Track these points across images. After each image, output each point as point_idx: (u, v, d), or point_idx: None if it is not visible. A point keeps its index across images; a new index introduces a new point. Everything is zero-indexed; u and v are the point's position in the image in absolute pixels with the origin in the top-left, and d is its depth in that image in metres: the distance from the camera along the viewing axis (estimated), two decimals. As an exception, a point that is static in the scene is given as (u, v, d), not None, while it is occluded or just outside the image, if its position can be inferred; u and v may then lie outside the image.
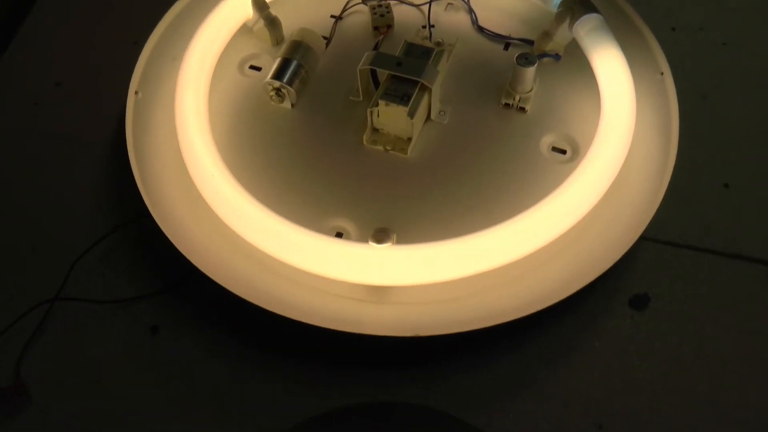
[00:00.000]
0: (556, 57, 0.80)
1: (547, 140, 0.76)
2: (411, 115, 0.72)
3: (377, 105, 0.73)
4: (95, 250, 0.72)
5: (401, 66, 0.73)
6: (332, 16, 0.85)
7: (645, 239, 0.72)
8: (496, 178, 0.73)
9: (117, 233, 0.73)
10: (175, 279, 0.71)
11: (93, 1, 0.93)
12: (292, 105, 0.78)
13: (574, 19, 0.77)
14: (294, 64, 0.77)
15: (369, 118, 0.74)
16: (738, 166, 0.78)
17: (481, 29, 0.84)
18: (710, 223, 0.74)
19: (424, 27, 0.84)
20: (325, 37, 0.83)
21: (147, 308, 0.71)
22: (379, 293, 0.67)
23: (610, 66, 0.74)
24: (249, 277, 0.67)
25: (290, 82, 0.76)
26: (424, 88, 0.73)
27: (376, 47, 0.82)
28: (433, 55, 0.76)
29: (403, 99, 0.72)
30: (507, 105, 0.78)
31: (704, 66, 0.85)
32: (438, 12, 0.85)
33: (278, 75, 0.76)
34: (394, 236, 0.67)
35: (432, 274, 0.65)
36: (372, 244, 0.65)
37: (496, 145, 0.75)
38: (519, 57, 0.75)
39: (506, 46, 0.83)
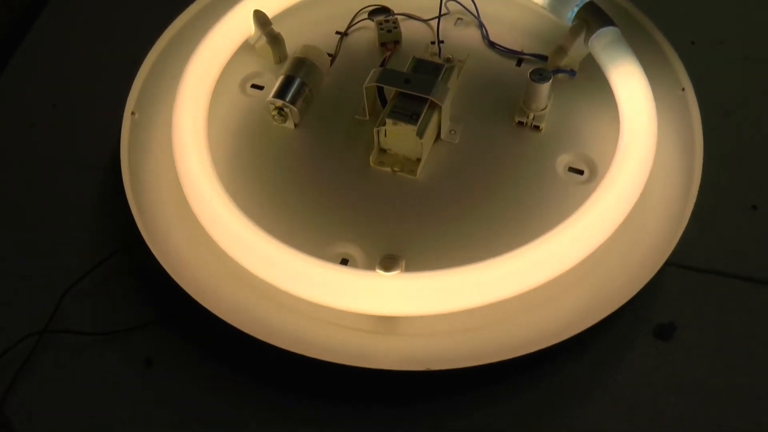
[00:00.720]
0: (571, 73, 0.77)
1: (563, 160, 0.72)
2: (420, 134, 0.68)
3: (384, 124, 0.69)
4: (88, 278, 0.68)
5: (409, 83, 0.70)
6: (337, 33, 0.82)
7: (669, 264, 0.67)
8: (510, 200, 0.69)
9: (111, 261, 0.69)
10: (172, 309, 0.67)
11: (91, 19, 0.91)
12: (296, 125, 0.75)
13: (589, 32, 0.74)
14: (297, 82, 0.74)
15: (376, 137, 0.71)
16: (766, 187, 0.73)
17: (492, 45, 0.80)
18: (738, 248, 0.70)
19: (433, 43, 0.80)
20: (330, 54, 0.80)
21: (141, 340, 0.67)
22: (387, 324, 0.63)
23: (629, 82, 0.71)
24: (248, 308, 0.63)
25: (293, 101, 0.73)
26: (434, 106, 0.70)
27: (383, 64, 0.78)
28: (443, 72, 0.73)
29: (411, 117, 0.68)
30: (520, 123, 0.74)
31: (726, 81, 0.81)
32: (447, 27, 0.82)
33: (281, 94, 0.73)
34: (403, 263, 0.64)
35: (444, 304, 0.61)
36: (379, 272, 0.61)
37: (509, 165, 0.72)
38: (533, 73, 0.71)
39: (519, 62, 0.79)
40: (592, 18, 0.74)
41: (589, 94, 0.76)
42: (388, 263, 0.62)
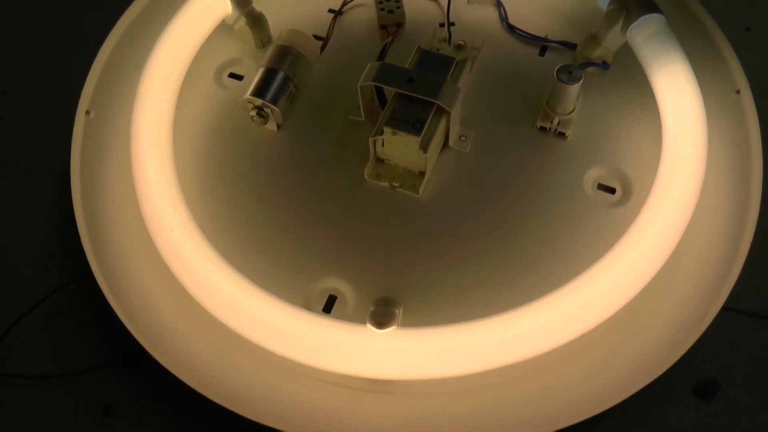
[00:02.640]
0: (604, 66, 0.65)
1: (592, 175, 0.61)
2: (424, 147, 0.57)
3: (382, 133, 0.58)
4: (35, 313, 0.59)
5: (413, 82, 0.58)
6: (330, 11, 0.70)
7: (714, 306, 0.57)
8: (529, 226, 0.59)
9: (61, 293, 0.59)
10: (131, 349, 0.57)
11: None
12: (278, 126, 0.64)
13: (629, 20, 0.61)
14: (280, 76, 0.62)
15: (371, 148, 0.60)
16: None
17: (511, 28, 0.68)
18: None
19: (442, 25, 0.68)
20: (320, 38, 0.68)
21: (98, 384, 0.58)
22: (379, 383, 0.53)
23: (675, 87, 0.59)
24: (211, 362, 0.54)
25: (275, 100, 0.62)
26: (441, 111, 0.58)
27: (383, 52, 0.67)
28: (453, 67, 0.61)
29: (414, 126, 0.57)
30: (543, 129, 0.63)
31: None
32: (459, 6, 0.70)
33: (260, 91, 0.62)
34: (400, 311, 0.54)
35: (449, 367, 0.51)
36: (371, 328, 0.51)
37: (528, 180, 0.61)
38: (560, 70, 0.59)
39: (542, 51, 0.67)
40: (632, 2, 0.62)
41: (625, 92, 0.64)
42: (381, 314, 0.52)
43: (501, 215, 0.59)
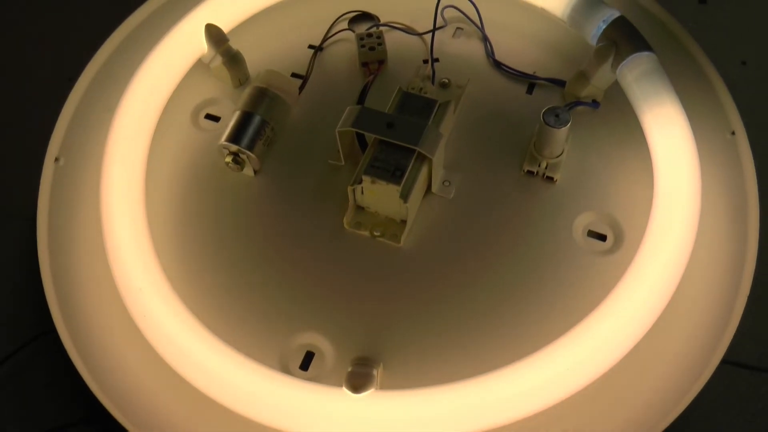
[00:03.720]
0: (594, 105, 0.63)
1: (582, 221, 0.58)
2: (404, 196, 0.55)
3: (360, 181, 0.55)
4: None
5: (393, 128, 0.56)
6: (311, 47, 0.68)
7: (711, 359, 0.54)
8: (516, 276, 0.56)
9: (28, 350, 0.57)
10: (97, 408, 0.55)
11: (17, 30, 0.76)
12: (255, 172, 0.61)
13: (619, 58, 0.59)
14: (256, 120, 0.60)
15: (351, 196, 0.57)
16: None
17: (498, 64, 0.66)
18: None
19: (425, 62, 0.66)
20: (299, 76, 0.66)
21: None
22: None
23: (666, 127, 0.56)
24: (179, 423, 0.52)
25: (251, 146, 0.59)
26: (423, 157, 0.56)
27: (363, 92, 0.64)
28: (435, 110, 0.58)
29: (394, 174, 0.55)
30: (530, 173, 0.60)
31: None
32: (444, 40, 0.67)
33: (235, 136, 0.59)
34: (379, 371, 0.51)
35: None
36: (347, 392, 0.48)
37: (515, 227, 0.58)
38: (547, 113, 0.57)
39: (530, 88, 0.65)
40: (622, 39, 0.59)
41: (617, 133, 0.62)
42: (358, 376, 0.49)
43: (486, 266, 0.57)
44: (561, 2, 0.64)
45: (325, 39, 0.68)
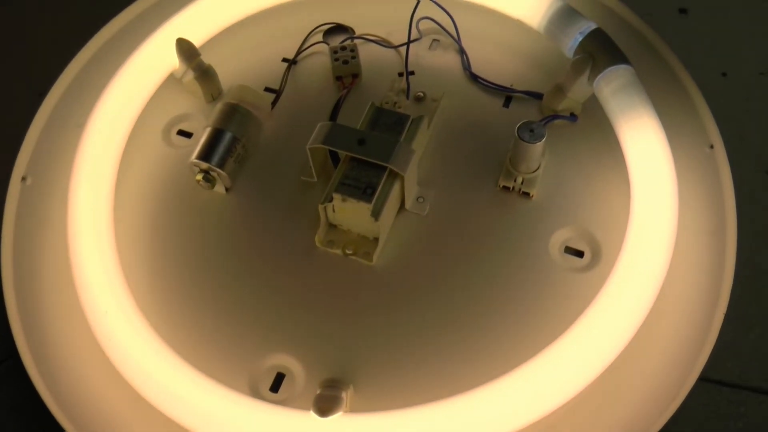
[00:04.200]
0: (572, 118, 0.62)
1: (559, 237, 0.57)
2: (376, 214, 0.54)
3: (331, 200, 0.54)
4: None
5: (364, 145, 0.55)
6: (284, 60, 0.67)
7: (691, 378, 0.53)
8: (492, 294, 0.55)
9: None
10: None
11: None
12: (227, 190, 0.60)
13: (596, 70, 0.58)
14: (227, 137, 0.59)
15: (322, 214, 0.56)
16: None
17: (474, 77, 0.65)
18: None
19: (401, 75, 0.65)
20: (272, 90, 0.65)
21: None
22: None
23: (642, 141, 0.55)
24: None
25: (221, 163, 0.58)
26: (395, 174, 0.55)
27: (337, 106, 0.63)
28: (408, 125, 0.57)
29: (365, 192, 0.54)
30: (506, 188, 0.59)
31: (768, 126, 0.65)
32: (420, 53, 0.66)
33: (205, 154, 0.58)
34: (348, 394, 0.50)
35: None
36: (314, 416, 0.47)
37: (491, 244, 0.57)
38: (521, 128, 0.56)
39: (507, 101, 0.64)
40: (599, 52, 0.58)
41: (595, 146, 0.61)
42: (325, 399, 0.48)
43: (460, 284, 0.56)
44: (537, 14, 0.63)
45: (299, 52, 0.66)
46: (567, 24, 0.61)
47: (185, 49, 0.62)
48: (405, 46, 0.64)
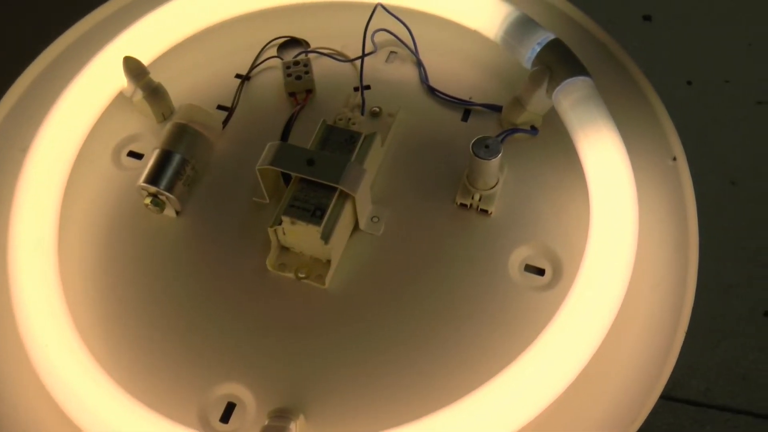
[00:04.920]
0: (533, 132, 0.60)
1: (519, 255, 0.56)
2: (326, 237, 0.52)
3: (280, 222, 0.53)
4: None
5: (313, 165, 0.53)
6: (237, 76, 0.65)
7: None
8: (449, 317, 0.53)
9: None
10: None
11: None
12: (177, 213, 0.58)
13: (554, 83, 0.56)
14: (176, 159, 0.57)
15: (273, 237, 0.54)
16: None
17: (432, 90, 0.63)
18: (749, 372, 0.54)
19: (356, 89, 0.63)
20: (225, 108, 0.63)
21: None
22: None
23: (601, 155, 0.54)
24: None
25: (170, 187, 0.56)
26: (347, 195, 0.53)
27: (288, 124, 0.61)
28: (360, 144, 0.56)
29: (314, 214, 0.52)
30: (463, 206, 0.57)
31: (733, 136, 0.63)
32: (377, 66, 0.64)
33: (153, 177, 0.56)
34: (297, 424, 0.48)
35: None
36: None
37: (448, 264, 0.55)
38: (476, 144, 0.54)
39: (466, 115, 0.62)
40: (557, 63, 0.57)
41: (556, 160, 0.59)
42: (272, 429, 0.47)
43: (417, 306, 0.54)
44: (494, 24, 0.61)
45: (252, 67, 0.65)
46: (524, 35, 0.59)
47: (132, 67, 0.61)
48: (360, 60, 0.63)
